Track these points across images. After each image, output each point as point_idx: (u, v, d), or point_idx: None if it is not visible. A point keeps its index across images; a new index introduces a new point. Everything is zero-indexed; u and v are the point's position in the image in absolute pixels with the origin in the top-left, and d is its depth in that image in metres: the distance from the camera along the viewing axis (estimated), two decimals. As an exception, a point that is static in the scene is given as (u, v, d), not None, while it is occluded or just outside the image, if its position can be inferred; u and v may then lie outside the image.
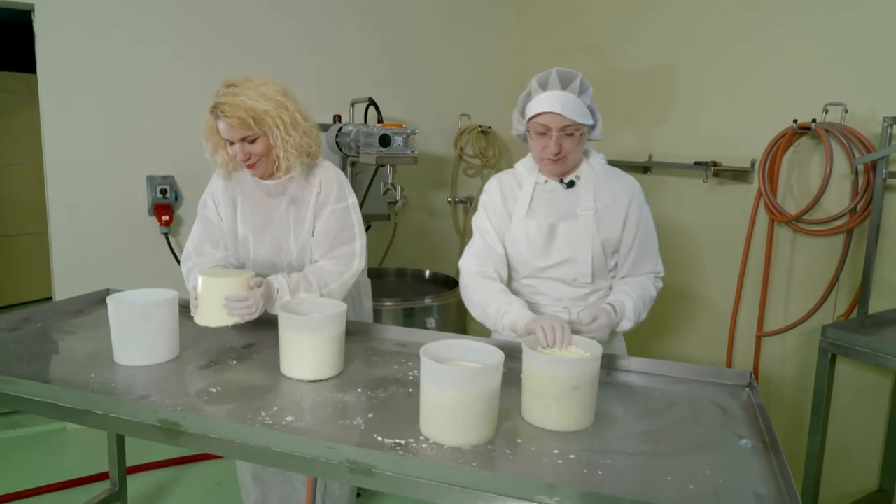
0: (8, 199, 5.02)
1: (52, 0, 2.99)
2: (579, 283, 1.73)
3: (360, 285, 2.13)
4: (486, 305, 1.70)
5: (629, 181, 1.76)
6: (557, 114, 1.59)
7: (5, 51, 4.90)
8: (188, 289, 1.87)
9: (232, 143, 1.79)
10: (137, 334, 1.56)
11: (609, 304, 1.66)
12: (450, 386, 1.20)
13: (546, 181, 1.76)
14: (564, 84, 1.60)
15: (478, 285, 1.74)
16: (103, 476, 2.70)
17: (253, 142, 1.77)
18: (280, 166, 1.84)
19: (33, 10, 3.00)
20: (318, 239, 1.88)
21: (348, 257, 1.86)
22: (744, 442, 1.27)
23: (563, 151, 1.63)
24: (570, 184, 1.73)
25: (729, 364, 2.84)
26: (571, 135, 1.62)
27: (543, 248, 1.72)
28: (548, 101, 1.59)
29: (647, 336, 3.28)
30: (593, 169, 1.74)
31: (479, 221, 1.82)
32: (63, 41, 3.04)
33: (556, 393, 1.28)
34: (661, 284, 1.81)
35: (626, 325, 1.68)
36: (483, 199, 1.84)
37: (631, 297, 1.68)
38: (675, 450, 1.24)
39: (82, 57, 3.08)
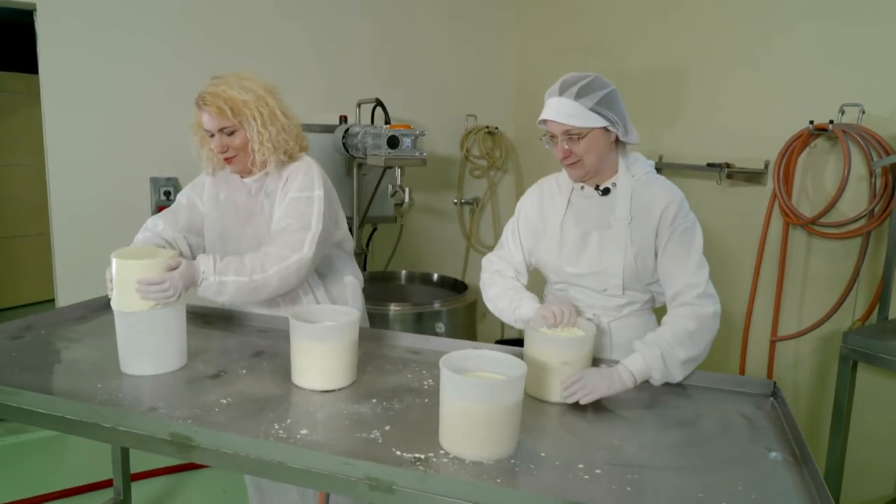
0: (8, 199, 4.98)
1: (53, 0, 2.95)
2: (610, 293, 1.68)
3: (347, 287, 2.01)
4: (500, 300, 1.75)
5: (667, 188, 1.67)
6: (552, 120, 1.60)
7: (5, 51, 4.85)
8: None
9: (212, 136, 1.79)
10: (145, 343, 1.51)
11: (623, 364, 1.50)
12: (472, 398, 1.16)
13: (582, 187, 1.72)
14: (563, 89, 1.59)
15: (494, 282, 1.80)
16: (107, 483, 2.66)
17: (231, 134, 1.78)
18: (255, 160, 1.82)
19: (35, 10, 2.96)
20: (274, 226, 1.81)
21: (296, 243, 1.74)
22: (773, 455, 1.23)
23: (574, 156, 1.62)
24: (606, 191, 1.68)
25: (742, 369, 2.80)
26: (574, 139, 1.59)
27: (575, 256, 1.69)
28: (546, 108, 1.61)
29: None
30: (634, 177, 1.68)
31: (509, 226, 1.86)
32: (65, 41, 3.00)
33: (551, 367, 1.44)
34: (708, 307, 1.55)
35: (657, 376, 1.51)
36: (519, 205, 1.85)
37: (645, 344, 1.52)
38: (705, 464, 1.19)
39: (84, 57, 3.04)
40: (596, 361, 1.58)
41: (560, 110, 1.57)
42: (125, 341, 1.53)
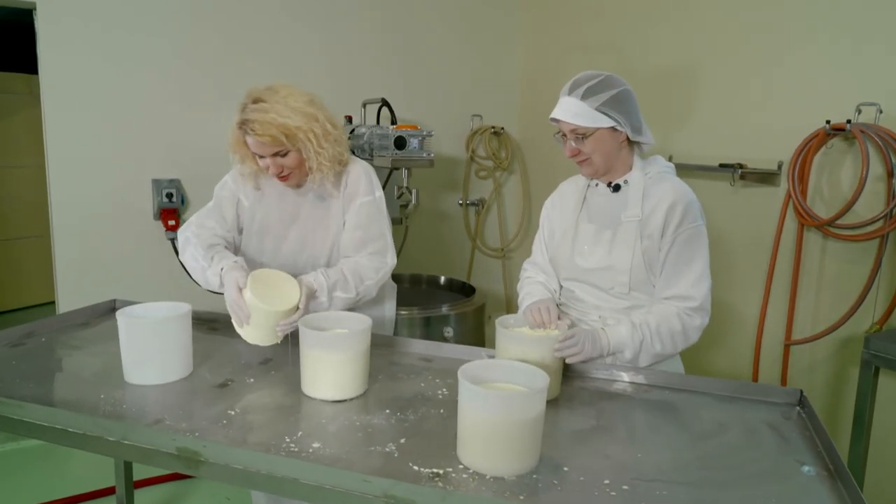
0: (8, 201, 4.93)
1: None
2: (616, 292, 1.65)
3: (385, 288, 2.04)
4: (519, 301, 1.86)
5: (675, 187, 1.64)
6: (558, 119, 1.62)
7: (5, 51, 4.80)
8: (182, 259, 1.83)
9: (262, 157, 1.74)
10: (150, 352, 1.47)
11: (605, 332, 1.58)
12: (493, 411, 1.11)
13: (597, 184, 1.73)
14: (572, 89, 1.60)
15: (522, 285, 1.88)
16: (110, 491, 2.62)
17: (285, 155, 1.73)
18: (315, 179, 1.78)
19: (35, 10, 2.91)
20: (349, 233, 1.83)
21: (382, 252, 1.83)
22: (806, 469, 1.18)
23: (582, 154, 1.63)
24: (616, 188, 1.68)
25: (755, 373, 2.75)
26: (581, 138, 1.60)
27: (587, 251, 1.70)
28: (556, 106, 1.62)
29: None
30: (647, 175, 1.66)
31: (539, 229, 1.91)
32: (65, 41, 2.95)
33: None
34: (696, 320, 1.59)
35: (628, 355, 1.59)
36: (543, 209, 1.90)
37: (633, 326, 1.58)
38: (735, 478, 1.14)
39: (85, 57, 2.99)
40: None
41: (567, 109, 1.59)
42: (130, 351, 1.48)
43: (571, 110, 1.57)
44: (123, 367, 1.50)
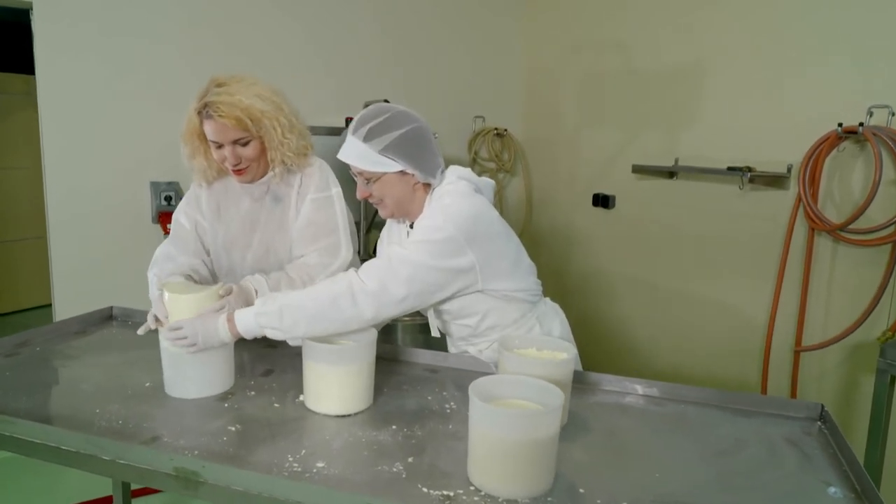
0: (6, 203, 4.88)
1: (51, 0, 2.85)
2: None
3: None
4: None
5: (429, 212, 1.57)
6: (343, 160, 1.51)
7: (3, 51, 4.75)
8: (150, 297, 1.73)
9: (219, 147, 1.66)
10: (192, 364, 1.43)
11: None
12: (506, 431, 1.06)
13: (411, 225, 1.62)
14: (355, 128, 1.49)
15: None
16: (107, 501, 2.57)
17: (245, 145, 1.65)
18: (276, 173, 1.72)
19: (31, 10, 2.85)
20: (299, 232, 1.75)
21: (333, 248, 1.73)
22: (832, 491, 1.13)
23: (374, 197, 1.54)
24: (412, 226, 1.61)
25: (765, 380, 2.70)
26: (368, 181, 1.51)
27: None
28: (342, 147, 1.52)
29: (674, 350, 3.14)
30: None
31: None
32: (63, 42, 2.90)
33: None
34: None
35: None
36: (379, 241, 1.84)
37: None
38: (759, 500, 1.09)
39: (83, 58, 2.94)
40: None
41: (350, 151, 1.49)
42: (172, 364, 1.44)
43: (354, 152, 1.47)
44: (164, 382, 1.46)
